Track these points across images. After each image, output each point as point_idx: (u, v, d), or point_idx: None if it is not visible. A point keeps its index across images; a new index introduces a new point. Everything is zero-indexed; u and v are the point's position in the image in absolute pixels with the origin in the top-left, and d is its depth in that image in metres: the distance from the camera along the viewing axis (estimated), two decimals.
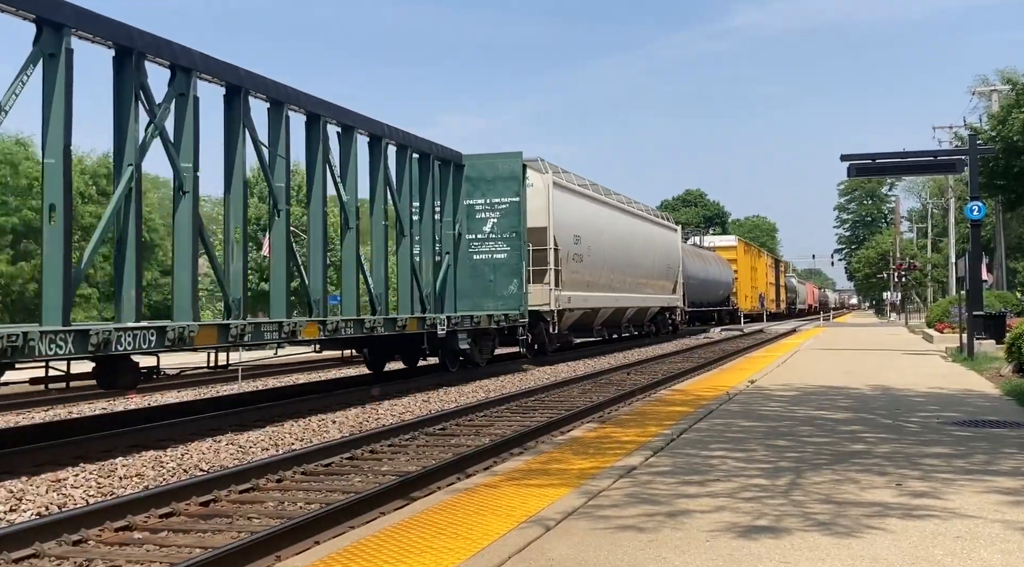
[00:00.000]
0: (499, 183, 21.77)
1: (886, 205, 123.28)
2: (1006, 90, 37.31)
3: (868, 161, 22.57)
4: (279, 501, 8.03)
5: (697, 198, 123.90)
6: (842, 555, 4.61)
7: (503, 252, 21.81)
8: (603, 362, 24.69)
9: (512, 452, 10.23)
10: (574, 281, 25.62)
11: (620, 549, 4.77)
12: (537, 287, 23.06)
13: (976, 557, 4.58)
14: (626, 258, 31.52)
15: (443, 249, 20.32)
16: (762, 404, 11.18)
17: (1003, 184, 33.71)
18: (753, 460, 7.28)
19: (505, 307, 21.51)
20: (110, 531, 6.95)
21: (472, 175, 21.60)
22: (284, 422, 12.58)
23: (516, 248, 21.80)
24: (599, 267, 28.26)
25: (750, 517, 5.39)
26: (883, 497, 5.90)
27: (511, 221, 21.84)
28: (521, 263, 21.79)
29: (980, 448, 7.79)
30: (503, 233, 21.82)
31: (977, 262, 21.53)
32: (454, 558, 4.66)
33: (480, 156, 21.86)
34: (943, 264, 67.70)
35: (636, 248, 33.07)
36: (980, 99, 42.58)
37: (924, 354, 21.85)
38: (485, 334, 20.73)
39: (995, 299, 29.81)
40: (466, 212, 21.38)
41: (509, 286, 21.69)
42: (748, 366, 18.43)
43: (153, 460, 9.72)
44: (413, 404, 14.91)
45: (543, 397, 16.15)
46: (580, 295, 26.12)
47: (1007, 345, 15.78)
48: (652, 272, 35.51)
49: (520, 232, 21.78)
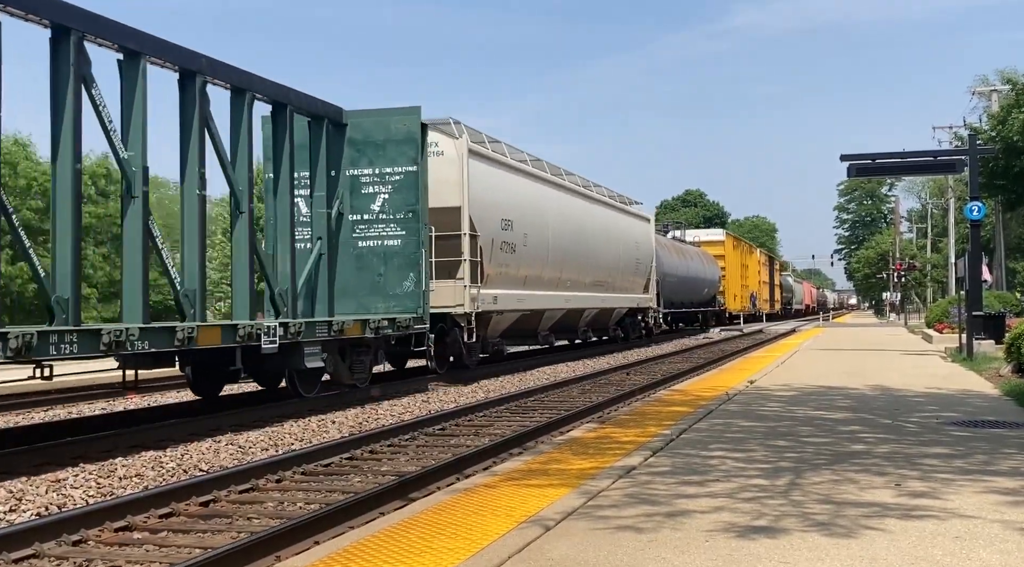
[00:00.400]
0: (391, 148, 16.74)
1: (886, 205, 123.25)
2: (1006, 90, 37.31)
3: (868, 161, 22.59)
4: (279, 501, 8.03)
5: (697, 198, 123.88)
6: (841, 555, 4.61)
7: (396, 237, 16.73)
8: (602, 362, 24.68)
9: (511, 452, 10.23)
10: (504, 277, 20.72)
11: (619, 549, 4.77)
12: (447, 284, 18.30)
13: (975, 557, 4.58)
14: (582, 250, 26.32)
15: (314, 233, 15.98)
16: (761, 404, 11.19)
17: (1003, 184, 33.72)
18: (752, 460, 7.28)
19: (399, 308, 16.51)
20: (110, 531, 6.95)
21: (357, 137, 16.73)
22: (284, 422, 12.58)
23: (413, 232, 16.65)
24: (541, 260, 23.19)
25: (749, 517, 5.39)
26: (882, 497, 5.90)
27: (407, 197, 16.71)
28: (419, 252, 16.60)
29: (979, 448, 7.79)
30: (396, 213, 16.69)
31: (977, 262, 21.54)
32: (454, 558, 4.67)
33: (367, 112, 16.97)
34: (943, 264, 67.69)
35: (596, 239, 27.72)
36: (980, 99, 42.59)
37: (923, 354, 21.85)
38: (359, 346, 15.47)
39: (994, 299, 29.81)
40: (349, 185, 16.65)
41: (403, 282, 16.64)
42: (747, 366, 18.43)
43: (153, 460, 9.72)
44: (413, 404, 14.91)
45: (543, 397, 16.16)
46: (512, 294, 21.21)
47: (1006, 345, 15.78)
48: (617, 267, 30.10)
49: (418, 212, 16.66)
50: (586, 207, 27.49)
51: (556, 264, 24.32)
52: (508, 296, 20.88)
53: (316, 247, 15.75)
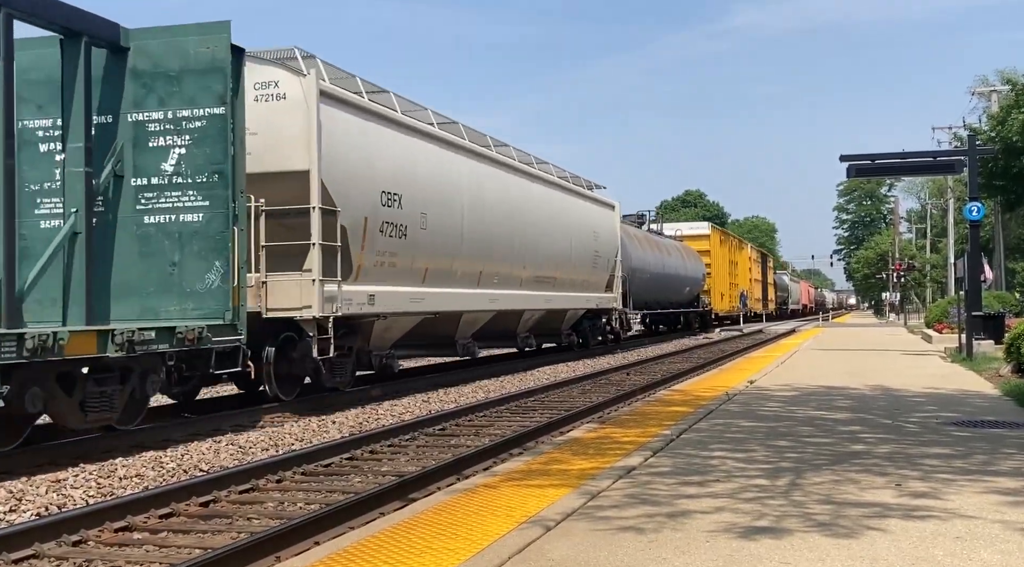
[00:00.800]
0: (190, 81, 11.62)
1: (885, 206, 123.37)
2: (1006, 90, 37.35)
3: (868, 162, 22.61)
4: (279, 502, 8.03)
5: (697, 198, 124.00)
6: (842, 555, 4.61)
7: (196, 210, 11.62)
8: (602, 362, 24.68)
9: (512, 452, 10.23)
10: (389, 269, 15.59)
11: (620, 550, 4.77)
12: (290, 279, 13.38)
13: (976, 558, 4.58)
14: (517, 239, 21.08)
15: (67, 204, 11.14)
16: (762, 404, 11.19)
17: (1002, 185, 33.74)
18: (753, 460, 7.28)
19: (200, 312, 11.51)
20: (110, 531, 6.95)
21: (143, 66, 11.73)
22: (284, 422, 12.58)
23: (221, 203, 11.57)
24: (451, 249, 17.84)
25: (750, 518, 5.39)
26: (883, 497, 5.90)
27: (211, 153, 11.63)
28: (229, 231, 11.59)
29: (979, 448, 7.79)
30: (197, 175, 11.62)
31: (976, 262, 21.54)
32: (454, 558, 4.66)
33: (155, 31, 11.86)
34: (942, 264, 67.73)
35: (538, 226, 22.41)
36: (980, 99, 42.66)
37: (923, 354, 21.86)
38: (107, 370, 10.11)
39: (993, 299, 29.83)
40: (132, 135, 11.74)
41: (207, 274, 11.55)
42: (747, 366, 18.44)
43: (153, 460, 9.72)
44: (413, 404, 14.91)
45: (543, 397, 16.15)
46: (403, 292, 16.07)
47: (1006, 345, 15.79)
48: (569, 261, 24.81)
49: (227, 174, 11.56)
50: (523, 186, 21.96)
51: (475, 255, 18.91)
52: (395, 295, 15.76)
53: (68, 224, 10.98)
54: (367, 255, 15.00)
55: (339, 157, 14.12)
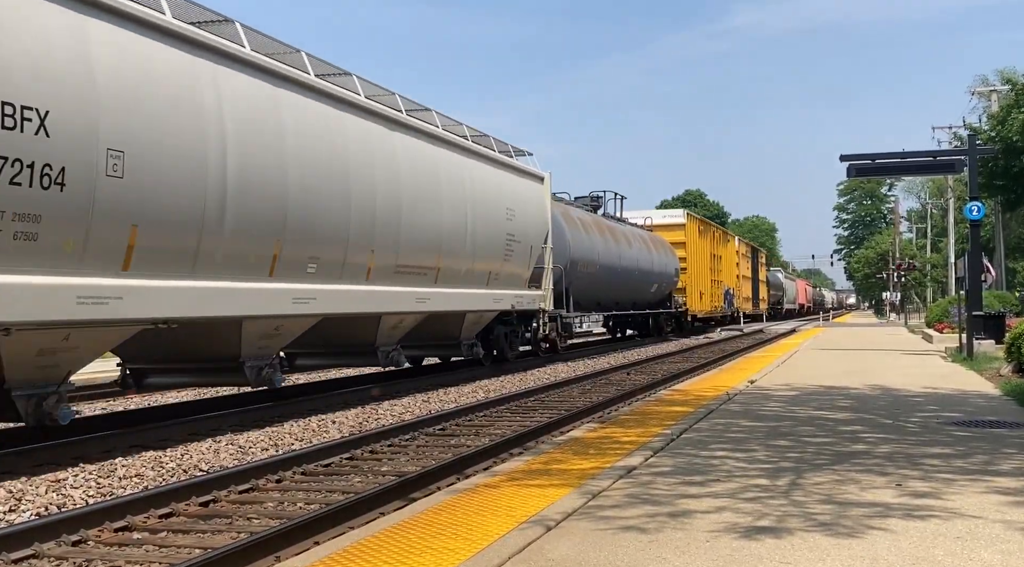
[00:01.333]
0: None
1: (885, 205, 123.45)
2: (1006, 90, 37.38)
3: (868, 161, 22.61)
4: (279, 501, 8.02)
5: (697, 198, 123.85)
6: (843, 555, 4.60)
7: None
8: (603, 362, 24.66)
9: (512, 452, 10.22)
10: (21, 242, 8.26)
11: (621, 549, 4.76)
12: None
13: (977, 558, 4.58)
14: (357, 210, 13.78)
15: None
16: (762, 404, 11.18)
17: (1002, 184, 33.78)
18: (754, 460, 7.27)
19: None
20: (109, 531, 6.94)
21: None
22: (284, 422, 12.56)
23: None
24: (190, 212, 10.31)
25: (751, 517, 5.38)
26: (884, 497, 5.89)
27: None
28: None
29: (980, 448, 7.78)
30: None
31: (977, 262, 21.54)
32: (454, 558, 4.66)
33: None
34: (942, 264, 67.75)
35: (407, 192, 15.35)
36: (980, 99, 42.69)
37: (924, 354, 21.85)
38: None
39: (994, 299, 29.85)
40: None
41: None
42: (748, 366, 18.43)
43: (153, 460, 9.71)
44: (413, 404, 14.90)
45: (543, 397, 16.14)
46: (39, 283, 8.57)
47: (1006, 345, 15.78)
48: (465, 247, 17.74)
49: None
50: (376, 133, 14.65)
51: (257, 231, 11.58)
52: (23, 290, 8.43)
53: None
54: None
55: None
